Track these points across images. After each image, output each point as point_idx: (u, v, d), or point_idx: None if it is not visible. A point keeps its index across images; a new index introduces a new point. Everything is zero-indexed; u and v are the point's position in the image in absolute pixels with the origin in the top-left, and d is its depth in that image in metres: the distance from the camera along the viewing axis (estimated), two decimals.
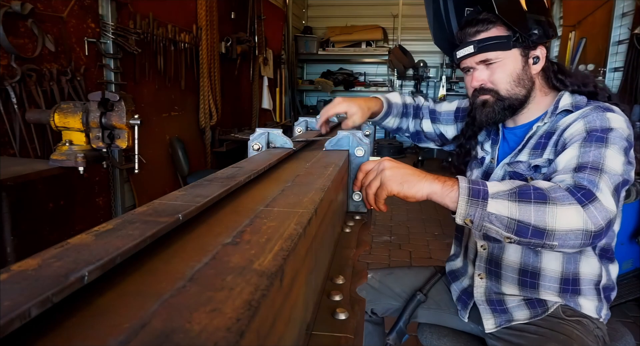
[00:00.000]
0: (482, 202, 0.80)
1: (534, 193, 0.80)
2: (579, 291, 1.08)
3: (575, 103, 1.06)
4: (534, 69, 1.09)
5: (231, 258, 0.33)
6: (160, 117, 3.44)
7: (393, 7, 8.02)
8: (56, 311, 0.26)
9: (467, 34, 1.09)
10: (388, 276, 1.37)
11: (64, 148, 1.68)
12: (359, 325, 0.52)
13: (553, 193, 0.80)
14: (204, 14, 3.84)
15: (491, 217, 0.79)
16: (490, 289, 1.16)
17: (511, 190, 0.81)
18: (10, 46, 2.03)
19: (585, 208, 0.78)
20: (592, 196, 0.80)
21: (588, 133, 0.95)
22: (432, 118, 1.41)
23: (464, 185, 0.81)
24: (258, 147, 0.92)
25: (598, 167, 0.87)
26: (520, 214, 0.78)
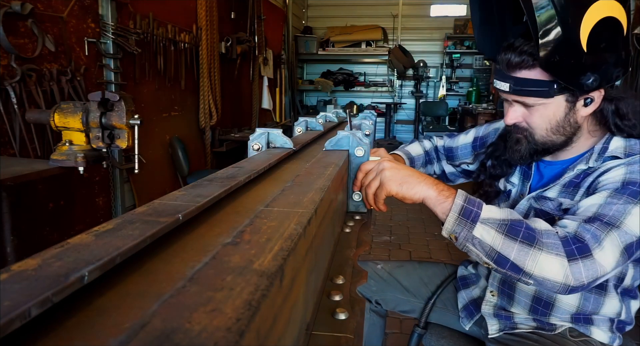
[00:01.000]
0: (470, 224, 0.80)
1: (524, 231, 0.78)
2: (592, 321, 1.03)
3: (628, 149, 0.91)
4: (583, 112, 0.93)
5: (231, 258, 0.33)
6: (160, 117, 3.44)
7: (393, 7, 8.02)
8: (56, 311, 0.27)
9: (507, 62, 0.91)
10: (398, 269, 1.36)
11: (64, 148, 1.68)
12: (359, 325, 0.52)
13: (545, 237, 0.78)
14: (204, 14, 3.84)
15: (474, 241, 0.80)
16: (500, 306, 1.13)
17: (503, 221, 0.79)
18: (10, 46, 2.03)
19: (571, 263, 0.76)
20: (586, 252, 0.77)
21: (623, 184, 0.85)
22: (450, 156, 1.33)
23: (458, 202, 0.81)
24: (258, 147, 0.92)
25: (613, 223, 0.80)
26: (503, 247, 0.78)
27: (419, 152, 1.35)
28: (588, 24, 0.82)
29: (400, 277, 1.34)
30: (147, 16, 3.14)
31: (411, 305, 1.33)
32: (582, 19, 0.82)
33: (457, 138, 1.34)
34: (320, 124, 1.37)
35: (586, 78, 0.85)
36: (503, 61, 0.92)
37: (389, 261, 1.41)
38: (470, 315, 1.21)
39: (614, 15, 0.85)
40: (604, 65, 0.86)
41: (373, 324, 1.37)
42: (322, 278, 0.59)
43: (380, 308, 1.37)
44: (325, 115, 1.62)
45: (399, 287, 1.34)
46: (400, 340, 2.15)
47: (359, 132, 0.97)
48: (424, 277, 1.34)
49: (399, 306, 1.35)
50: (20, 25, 2.12)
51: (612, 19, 0.85)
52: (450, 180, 1.39)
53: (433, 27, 8.02)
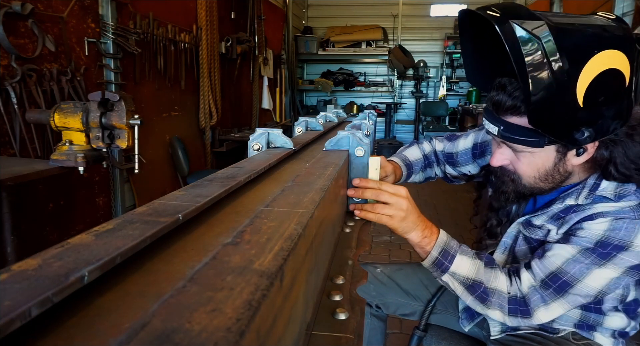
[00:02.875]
0: (440, 273, 0.96)
1: (479, 293, 0.93)
2: (595, 329, 1.03)
3: (620, 191, 0.86)
4: (575, 161, 0.88)
5: (231, 258, 0.33)
6: (160, 117, 3.44)
7: (393, 7, 8.02)
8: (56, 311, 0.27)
9: (498, 104, 0.85)
10: (398, 273, 1.36)
11: (64, 148, 1.68)
12: (359, 325, 0.52)
13: (495, 298, 0.92)
14: (204, 14, 3.84)
15: (443, 281, 0.98)
16: None
17: (466, 280, 0.94)
18: (11, 46, 2.03)
19: (510, 317, 0.92)
20: (527, 314, 0.91)
21: (597, 244, 0.84)
22: (450, 162, 1.33)
23: (434, 254, 0.94)
24: (258, 147, 0.92)
25: (566, 288, 0.88)
26: (461, 295, 0.96)
27: (418, 157, 1.34)
28: (587, 78, 0.75)
29: (400, 280, 1.34)
30: (147, 16, 3.14)
31: (412, 308, 1.32)
32: (580, 73, 0.75)
33: (456, 143, 1.32)
34: (320, 124, 1.37)
35: (580, 134, 0.79)
36: (493, 102, 0.87)
37: (388, 265, 1.40)
38: (471, 317, 1.20)
39: (616, 67, 0.78)
40: (600, 120, 0.79)
41: (374, 328, 1.36)
42: (322, 278, 0.59)
43: (381, 312, 1.36)
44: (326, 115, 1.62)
45: (399, 290, 1.33)
46: (400, 340, 2.15)
47: (359, 132, 0.97)
48: (423, 279, 1.33)
49: (399, 310, 1.34)
50: (20, 25, 2.12)
51: (613, 70, 0.78)
52: (452, 181, 1.39)
53: (433, 27, 8.02)
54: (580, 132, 0.78)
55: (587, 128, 0.78)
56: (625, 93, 0.81)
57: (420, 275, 1.35)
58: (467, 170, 1.31)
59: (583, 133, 0.78)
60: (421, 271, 1.37)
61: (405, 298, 1.33)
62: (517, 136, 0.85)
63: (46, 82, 2.25)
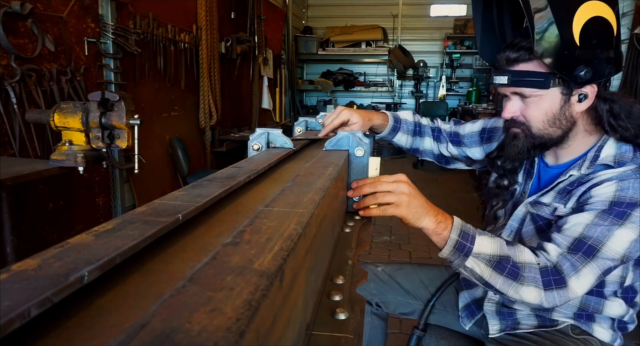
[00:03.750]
0: (463, 257, 0.90)
1: (509, 268, 0.88)
2: (594, 318, 1.04)
3: (618, 157, 0.95)
4: (578, 108, 0.97)
5: (231, 258, 0.33)
6: (160, 117, 3.44)
7: (393, 7, 8.02)
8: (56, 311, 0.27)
9: (506, 59, 0.98)
10: (398, 272, 1.36)
11: (64, 148, 1.68)
12: (359, 325, 0.52)
13: (527, 272, 0.88)
14: (204, 14, 3.84)
15: (466, 269, 0.91)
16: (502, 303, 1.14)
17: (492, 257, 0.89)
18: (10, 46, 2.03)
19: (547, 292, 0.87)
20: (561, 283, 0.87)
21: (611, 204, 0.89)
22: (455, 141, 1.34)
23: (453, 237, 0.90)
24: (258, 147, 0.92)
25: (595, 248, 0.87)
26: (490, 278, 0.89)
27: (409, 119, 1.34)
28: (579, 21, 0.90)
29: (400, 279, 1.34)
30: (147, 16, 3.14)
31: (411, 307, 1.33)
32: (574, 16, 0.90)
33: (464, 126, 1.34)
34: (321, 124, 1.37)
35: (579, 69, 0.91)
36: (502, 58, 0.99)
37: (389, 264, 1.41)
38: (472, 315, 1.20)
39: (603, 16, 0.93)
40: (595, 60, 0.92)
41: (374, 327, 1.37)
42: (322, 278, 0.59)
43: (381, 310, 1.36)
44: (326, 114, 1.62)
45: (399, 289, 1.33)
46: (400, 340, 2.15)
47: (359, 132, 0.97)
48: (424, 279, 1.34)
49: (399, 309, 1.34)
50: (20, 25, 2.12)
51: (601, 18, 0.93)
52: (448, 162, 1.40)
53: (433, 27, 8.03)
54: (579, 68, 0.91)
55: (585, 66, 0.91)
56: (614, 41, 0.95)
57: (421, 274, 1.36)
58: (471, 153, 1.33)
59: (582, 69, 0.91)
60: (421, 271, 1.37)
61: (405, 297, 1.33)
62: (525, 78, 0.96)
63: (46, 82, 2.25)
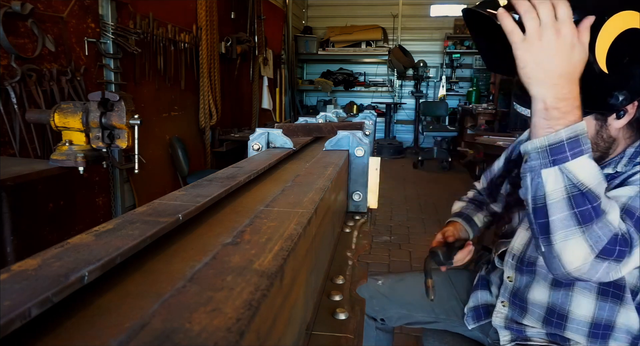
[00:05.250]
0: (549, 163, 0.72)
1: (588, 208, 0.71)
2: (609, 336, 0.95)
3: None
4: (617, 124, 0.86)
5: (231, 258, 0.33)
6: (160, 117, 3.44)
7: (393, 7, 8.02)
8: (56, 311, 0.27)
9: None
10: (399, 284, 1.33)
11: (64, 148, 1.68)
12: (359, 325, 0.52)
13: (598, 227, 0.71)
14: (204, 14, 3.85)
15: (537, 179, 0.73)
16: (511, 318, 1.08)
17: (580, 185, 0.71)
18: (10, 46, 2.03)
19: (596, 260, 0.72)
20: (620, 258, 0.72)
21: None
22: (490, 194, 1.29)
23: (562, 134, 0.71)
24: (258, 147, 0.92)
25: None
26: (552, 204, 0.72)
27: (462, 204, 1.32)
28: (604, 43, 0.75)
29: (402, 292, 1.31)
30: (147, 16, 3.14)
31: (415, 318, 1.31)
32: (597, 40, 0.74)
33: (491, 168, 1.29)
34: None
35: (614, 98, 0.77)
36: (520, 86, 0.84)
37: (389, 276, 1.37)
38: (478, 318, 1.17)
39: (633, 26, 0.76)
40: (631, 80, 0.78)
41: (380, 340, 1.35)
42: (322, 278, 0.59)
43: (385, 324, 1.34)
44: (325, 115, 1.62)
45: (402, 303, 1.30)
46: (401, 340, 2.15)
47: (359, 132, 0.97)
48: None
49: (402, 321, 1.32)
50: (20, 25, 2.12)
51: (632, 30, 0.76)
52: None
53: (433, 27, 8.02)
54: (614, 96, 0.76)
55: (619, 91, 0.76)
56: None
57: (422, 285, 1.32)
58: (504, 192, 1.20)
59: (617, 97, 0.76)
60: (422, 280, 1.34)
61: (408, 309, 1.30)
62: None
63: (46, 82, 2.25)
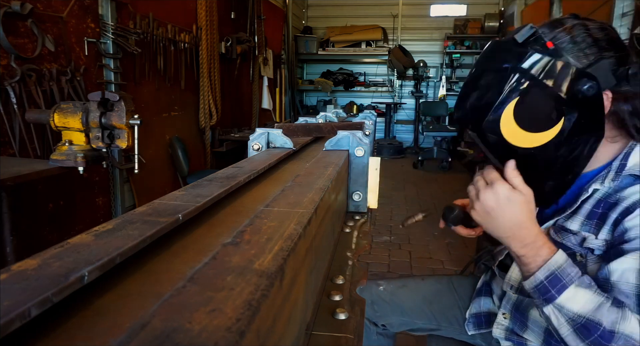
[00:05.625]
0: (543, 302, 0.77)
1: (596, 338, 0.71)
2: None
3: None
4: None
5: (231, 258, 0.33)
6: (160, 117, 3.44)
7: (393, 7, 8.02)
8: (56, 311, 0.26)
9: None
10: (401, 290, 1.32)
11: (64, 148, 1.68)
12: (359, 325, 0.52)
13: (621, 342, 0.70)
14: (204, 14, 3.85)
15: (543, 313, 0.78)
16: (512, 331, 1.06)
17: (578, 317, 0.73)
18: (10, 46, 2.03)
19: None
20: None
21: None
22: None
23: (539, 276, 0.76)
24: (258, 147, 0.92)
25: None
26: (566, 337, 0.75)
27: None
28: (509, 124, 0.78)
29: (403, 298, 1.29)
30: (147, 16, 3.14)
31: (417, 325, 1.30)
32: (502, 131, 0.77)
33: None
34: None
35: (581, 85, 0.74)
36: None
37: (390, 281, 1.35)
38: (479, 325, 1.16)
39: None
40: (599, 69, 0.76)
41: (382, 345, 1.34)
42: (322, 278, 0.59)
43: (387, 330, 1.33)
44: (325, 115, 1.62)
45: (403, 310, 1.29)
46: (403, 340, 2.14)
47: (359, 132, 0.97)
48: (427, 295, 1.29)
49: (404, 327, 1.31)
50: (20, 25, 2.12)
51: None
52: None
53: (433, 27, 8.03)
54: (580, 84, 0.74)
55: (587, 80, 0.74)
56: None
57: (424, 290, 1.31)
58: None
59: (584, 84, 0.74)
60: (424, 286, 1.33)
61: (409, 317, 1.29)
62: None
63: (46, 82, 2.25)
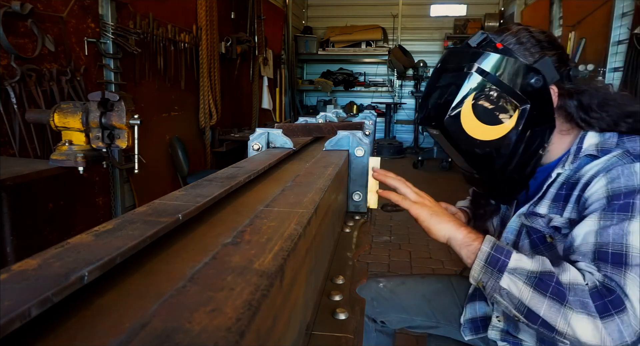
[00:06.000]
0: (497, 274, 0.76)
1: (553, 286, 0.72)
2: None
3: (601, 145, 0.87)
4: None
5: (231, 258, 0.33)
6: (160, 117, 3.44)
7: (393, 7, 8.02)
8: (56, 311, 0.26)
9: None
10: (400, 287, 1.33)
11: (64, 148, 1.68)
12: (359, 325, 0.52)
13: (572, 295, 0.71)
14: (204, 14, 3.85)
15: (502, 292, 0.76)
16: (507, 332, 1.07)
17: (531, 273, 0.74)
18: (10, 46, 2.03)
19: (605, 322, 0.68)
20: (620, 305, 0.69)
21: (609, 199, 0.79)
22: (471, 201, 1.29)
23: (485, 248, 0.78)
24: (258, 147, 0.92)
25: (621, 259, 0.73)
26: (532, 302, 0.73)
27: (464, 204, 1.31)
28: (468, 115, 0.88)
29: (402, 295, 1.31)
30: (147, 16, 3.14)
31: (415, 322, 1.30)
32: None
33: None
34: None
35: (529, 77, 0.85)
36: None
37: (390, 279, 1.37)
38: (475, 330, 1.16)
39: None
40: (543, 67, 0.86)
41: (380, 342, 1.34)
42: (322, 278, 0.59)
43: (386, 327, 1.34)
44: (325, 115, 1.62)
45: (402, 307, 1.30)
46: (403, 340, 2.15)
47: (359, 132, 0.97)
48: (426, 294, 1.30)
49: (403, 324, 1.31)
50: (20, 25, 2.12)
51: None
52: None
53: (433, 27, 8.03)
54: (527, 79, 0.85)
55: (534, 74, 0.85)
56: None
57: (423, 289, 1.32)
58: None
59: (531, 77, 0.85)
60: (424, 285, 1.33)
61: (408, 314, 1.30)
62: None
63: (46, 82, 2.25)
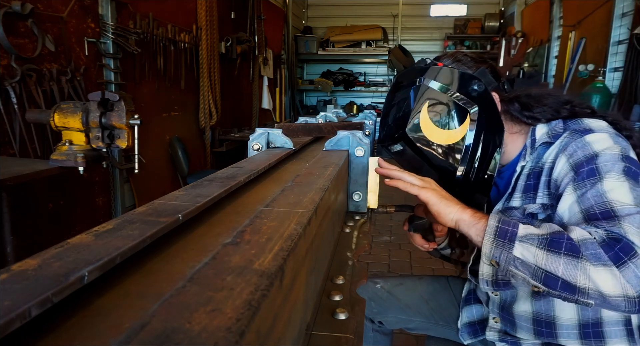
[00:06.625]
0: (509, 244, 0.75)
1: (566, 243, 0.72)
2: (604, 334, 0.92)
3: (551, 132, 0.94)
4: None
5: (231, 258, 0.33)
6: (160, 117, 3.44)
7: (393, 7, 8.02)
8: (56, 311, 0.26)
9: None
10: (398, 288, 1.33)
11: (64, 148, 1.68)
12: (359, 325, 0.52)
13: (585, 249, 0.71)
14: (204, 14, 3.85)
15: (517, 262, 0.75)
16: (504, 332, 1.08)
17: (542, 236, 0.74)
18: (10, 46, 2.03)
19: (622, 270, 0.68)
20: (630, 251, 0.69)
21: (575, 171, 0.84)
22: None
23: (492, 223, 0.78)
24: (258, 147, 0.92)
25: (610, 214, 0.75)
26: (548, 264, 0.72)
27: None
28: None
29: (400, 296, 1.31)
30: (147, 16, 3.14)
31: (413, 323, 1.30)
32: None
33: None
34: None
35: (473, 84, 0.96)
36: None
37: (388, 279, 1.37)
38: (474, 334, 1.17)
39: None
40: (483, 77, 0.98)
41: (377, 342, 1.34)
42: (322, 278, 0.59)
43: (384, 327, 1.34)
44: (325, 115, 1.62)
45: (400, 306, 1.30)
46: (402, 340, 2.14)
47: (359, 132, 0.97)
48: (424, 294, 1.30)
49: (401, 324, 1.32)
50: (20, 25, 2.12)
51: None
52: None
53: (433, 27, 8.03)
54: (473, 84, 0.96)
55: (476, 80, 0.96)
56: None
57: (421, 289, 1.32)
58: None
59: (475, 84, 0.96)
60: (421, 285, 1.34)
61: (406, 314, 1.30)
62: None
63: (46, 82, 2.25)
